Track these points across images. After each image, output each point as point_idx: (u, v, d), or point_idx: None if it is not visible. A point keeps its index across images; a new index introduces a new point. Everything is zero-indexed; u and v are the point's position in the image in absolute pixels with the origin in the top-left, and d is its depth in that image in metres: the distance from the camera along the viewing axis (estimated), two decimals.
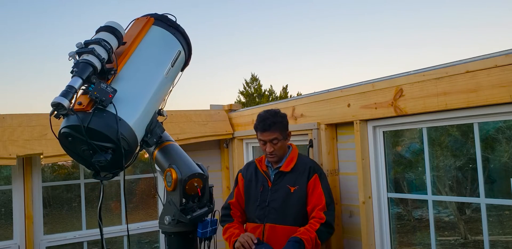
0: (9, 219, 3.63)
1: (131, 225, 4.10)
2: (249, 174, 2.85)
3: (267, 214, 2.67)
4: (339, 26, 43.32)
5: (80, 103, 1.64)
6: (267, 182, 2.75)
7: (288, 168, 2.71)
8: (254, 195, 2.76)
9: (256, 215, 2.71)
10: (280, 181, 2.71)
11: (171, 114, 3.92)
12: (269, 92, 27.22)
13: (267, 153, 2.71)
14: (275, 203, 2.66)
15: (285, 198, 2.65)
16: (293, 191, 2.65)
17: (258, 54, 43.70)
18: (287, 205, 2.64)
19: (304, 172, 2.68)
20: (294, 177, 2.69)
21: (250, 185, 2.81)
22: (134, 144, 1.76)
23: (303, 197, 2.64)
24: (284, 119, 2.74)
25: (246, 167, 2.93)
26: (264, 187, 2.74)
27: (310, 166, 2.71)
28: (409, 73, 2.47)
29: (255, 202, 2.74)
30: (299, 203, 2.64)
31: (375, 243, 2.75)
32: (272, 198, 2.68)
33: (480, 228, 2.28)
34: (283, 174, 2.72)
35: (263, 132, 2.66)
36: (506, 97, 1.97)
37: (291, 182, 2.68)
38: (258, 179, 2.79)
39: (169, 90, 2.11)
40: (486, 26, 41.04)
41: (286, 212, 2.64)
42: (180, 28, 2.15)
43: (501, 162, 3.24)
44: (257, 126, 2.70)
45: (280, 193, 2.67)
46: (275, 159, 2.73)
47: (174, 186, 1.92)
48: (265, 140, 2.67)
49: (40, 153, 3.37)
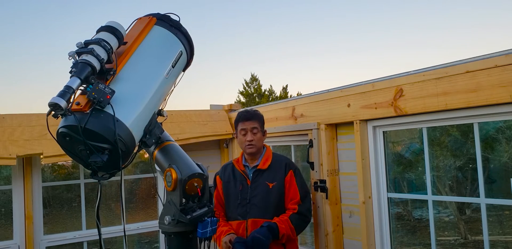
0: (9, 219, 3.64)
1: (131, 225, 4.11)
2: (227, 175, 2.95)
3: (248, 211, 2.78)
4: (339, 27, 43.33)
5: (78, 103, 1.63)
6: (246, 180, 2.85)
7: (265, 165, 2.84)
8: (234, 194, 2.86)
9: (238, 212, 2.80)
10: (259, 179, 2.83)
11: (171, 114, 3.92)
12: (269, 92, 27.23)
13: (247, 143, 2.83)
14: (256, 199, 2.78)
15: (264, 194, 2.78)
16: (272, 187, 2.79)
17: (258, 54, 43.74)
18: (267, 201, 2.77)
19: (280, 168, 2.84)
20: (272, 174, 2.82)
21: (229, 185, 2.90)
22: (132, 145, 1.75)
23: (281, 192, 2.79)
24: (262, 116, 2.95)
25: (223, 169, 3.02)
26: (243, 185, 2.84)
27: (285, 162, 2.87)
28: (409, 73, 2.47)
29: (235, 200, 2.83)
30: (278, 198, 2.77)
31: (375, 243, 2.75)
32: (252, 194, 2.80)
33: (480, 228, 2.28)
34: (261, 172, 2.84)
35: (245, 121, 2.85)
36: (506, 97, 1.97)
37: (269, 179, 2.81)
38: (236, 178, 2.90)
39: (169, 90, 2.11)
40: (486, 26, 41.04)
41: (267, 207, 2.76)
42: (183, 28, 2.14)
43: (501, 162, 3.25)
44: (239, 117, 2.90)
45: (260, 189, 2.79)
46: (253, 150, 2.84)
47: (174, 186, 1.91)
48: (246, 127, 2.84)
49: (40, 153, 3.37)
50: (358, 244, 2.86)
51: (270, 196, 2.77)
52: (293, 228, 2.67)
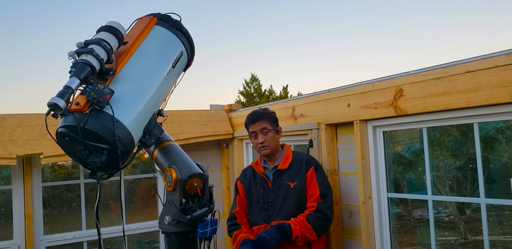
0: (9, 219, 3.63)
1: (131, 225, 4.11)
2: (247, 179, 2.86)
3: (271, 214, 2.68)
4: (339, 27, 43.30)
5: (77, 103, 1.63)
6: (267, 182, 2.77)
7: (286, 165, 2.74)
8: (256, 197, 2.78)
9: (261, 217, 2.72)
10: (280, 179, 2.73)
11: (171, 114, 3.92)
12: (269, 92, 27.23)
13: (259, 145, 2.73)
14: (278, 201, 2.68)
15: (286, 194, 2.68)
16: (293, 186, 2.68)
17: (259, 54, 43.73)
18: (289, 201, 2.66)
19: (302, 166, 2.72)
20: (293, 173, 2.71)
21: (251, 189, 2.82)
22: (131, 145, 1.75)
23: (303, 191, 2.67)
24: (272, 113, 2.83)
25: (243, 173, 2.94)
26: (264, 187, 2.76)
27: (306, 159, 2.75)
28: (409, 73, 2.47)
29: (257, 204, 2.75)
30: (299, 197, 2.66)
31: (375, 243, 2.74)
32: (274, 197, 2.70)
33: (480, 228, 2.28)
34: (282, 172, 2.74)
35: (252, 123, 2.74)
36: (506, 97, 1.97)
37: (290, 178, 2.71)
38: (257, 181, 2.81)
39: (170, 91, 2.10)
40: (486, 26, 41.01)
41: (289, 207, 2.65)
42: (183, 28, 2.14)
43: (501, 162, 3.24)
44: (247, 120, 2.79)
45: (281, 190, 2.70)
46: (267, 151, 2.73)
47: (174, 186, 1.91)
48: (255, 130, 2.73)
49: (40, 153, 3.37)
50: (358, 244, 2.86)
51: (292, 196, 2.65)
52: (310, 228, 2.52)
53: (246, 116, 2.84)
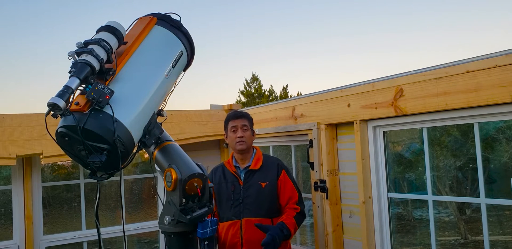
0: (9, 219, 3.63)
1: (131, 225, 4.11)
2: (217, 177, 2.98)
3: (242, 210, 2.82)
4: (339, 27, 43.31)
5: (77, 103, 1.63)
6: (238, 181, 2.89)
7: (257, 166, 2.91)
8: (226, 194, 2.89)
9: (232, 213, 2.84)
10: (251, 179, 2.88)
11: (171, 114, 3.92)
12: (269, 92, 27.24)
13: (237, 139, 2.90)
14: (249, 199, 2.83)
15: (257, 193, 2.83)
16: (264, 186, 2.85)
17: (259, 54, 43.73)
18: (260, 200, 2.82)
19: (272, 168, 2.91)
20: (264, 174, 2.89)
21: (220, 187, 2.93)
22: (130, 146, 1.75)
23: (274, 191, 2.86)
24: (251, 118, 3.05)
25: (213, 172, 3.05)
26: (235, 186, 2.88)
27: (277, 163, 2.96)
28: (409, 73, 2.46)
29: (228, 201, 2.86)
30: (271, 197, 2.85)
31: (375, 243, 2.74)
32: (245, 194, 2.84)
33: (480, 228, 2.28)
34: (253, 172, 2.90)
35: (236, 119, 2.95)
36: (506, 97, 1.97)
37: (261, 179, 2.87)
38: (227, 179, 2.93)
39: (170, 90, 2.10)
40: (486, 26, 41.02)
41: (260, 206, 2.82)
42: (183, 28, 2.14)
43: (501, 162, 3.24)
44: (229, 115, 3.01)
45: (253, 189, 2.85)
46: (243, 147, 2.90)
47: (174, 186, 1.91)
48: (236, 125, 2.93)
49: (40, 153, 3.37)
50: (358, 244, 2.86)
51: (263, 195, 2.83)
52: (297, 228, 2.77)
53: (228, 114, 3.03)
